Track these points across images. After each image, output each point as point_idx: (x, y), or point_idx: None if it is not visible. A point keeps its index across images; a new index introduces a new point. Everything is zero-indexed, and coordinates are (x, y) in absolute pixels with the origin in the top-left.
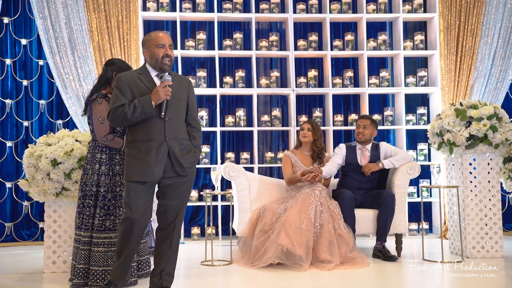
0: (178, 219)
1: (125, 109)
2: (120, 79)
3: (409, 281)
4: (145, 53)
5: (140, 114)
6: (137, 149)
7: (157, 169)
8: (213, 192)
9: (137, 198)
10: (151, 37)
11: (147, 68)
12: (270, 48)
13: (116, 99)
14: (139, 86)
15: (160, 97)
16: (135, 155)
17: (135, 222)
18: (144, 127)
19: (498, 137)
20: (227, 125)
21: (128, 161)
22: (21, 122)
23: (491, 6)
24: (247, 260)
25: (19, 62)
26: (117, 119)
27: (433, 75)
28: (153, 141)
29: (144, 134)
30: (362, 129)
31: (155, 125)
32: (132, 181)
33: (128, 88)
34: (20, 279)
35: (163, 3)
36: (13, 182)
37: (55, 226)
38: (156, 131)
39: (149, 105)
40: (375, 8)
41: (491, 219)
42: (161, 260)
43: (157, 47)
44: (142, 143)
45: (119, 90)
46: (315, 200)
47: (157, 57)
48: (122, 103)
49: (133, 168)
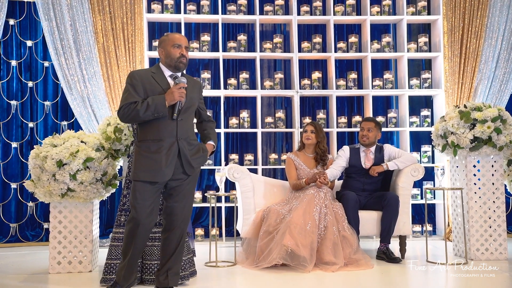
0: (184, 220)
1: (137, 106)
2: (134, 76)
3: (412, 283)
4: (160, 52)
5: (153, 113)
6: (148, 148)
7: (168, 169)
8: (217, 194)
9: (144, 199)
10: (168, 37)
11: (161, 67)
12: (274, 50)
13: (129, 95)
14: (153, 84)
15: (175, 98)
16: (145, 155)
17: (141, 223)
18: (156, 127)
19: (503, 139)
20: (231, 127)
21: (137, 160)
22: (26, 123)
23: (495, 8)
24: (251, 261)
25: (25, 64)
26: (128, 116)
27: (437, 77)
28: (164, 141)
29: (155, 133)
30: (366, 132)
31: (167, 125)
32: (140, 180)
33: (142, 86)
34: (26, 280)
35: (167, 5)
36: (18, 183)
37: (61, 227)
38: (168, 131)
39: (162, 105)
40: (379, 10)
41: (495, 221)
42: (168, 260)
43: (173, 47)
44: (153, 142)
45: (132, 87)
46: (319, 202)
47: (173, 57)
48: (135, 100)
49: (143, 168)
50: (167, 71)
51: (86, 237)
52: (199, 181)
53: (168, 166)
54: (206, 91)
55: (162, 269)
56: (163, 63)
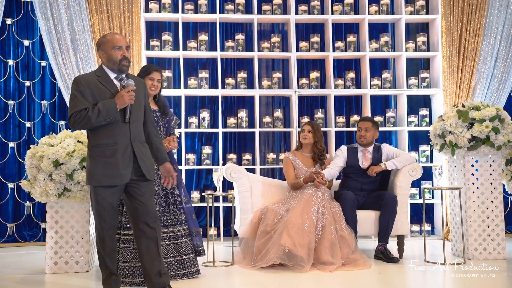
0: (156, 220)
1: (88, 113)
2: (80, 82)
3: (411, 283)
4: (101, 55)
5: (105, 118)
6: (102, 152)
7: (126, 172)
8: (214, 193)
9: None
10: (107, 39)
11: (105, 70)
12: (272, 49)
13: (78, 102)
14: (101, 89)
15: (125, 101)
16: (101, 159)
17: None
18: (109, 131)
19: (501, 139)
20: (229, 126)
21: (93, 165)
22: (23, 123)
23: (494, 8)
24: (249, 261)
25: (22, 63)
26: (80, 123)
27: (435, 76)
28: (119, 144)
29: (109, 137)
30: (364, 132)
31: (120, 128)
32: (101, 186)
33: (89, 91)
34: (22, 280)
35: (165, 4)
36: (15, 182)
37: (57, 227)
38: (121, 134)
39: (114, 110)
40: (377, 10)
41: (493, 221)
42: (153, 263)
43: (114, 49)
44: (107, 146)
45: (80, 93)
46: (317, 202)
47: (115, 60)
48: (84, 107)
49: (100, 172)
50: (112, 73)
51: (83, 237)
52: (197, 180)
53: (125, 169)
54: (204, 90)
55: (152, 273)
56: (105, 65)
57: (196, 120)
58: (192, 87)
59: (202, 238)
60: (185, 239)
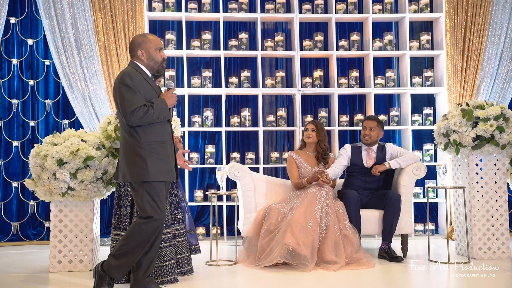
0: None
1: (150, 110)
2: (134, 77)
3: (414, 282)
4: (141, 54)
5: (159, 116)
6: (155, 149)
7: (175, 169)
8: (218, 192)
9: (163, 198)
10: (149, 38)
11: (143, 69)
12: (275, 48)
13: (137, 97)
14: (148, 88)
15: (173, 102)
16: (155, 155)
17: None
18: (159, 129)
19: (505, 138)
20: (232, 125)
21: (149, 161)
22: (27, 122)
23: (498, 6)
24: (253, 260)
25: (26, 62)
26: (140, 119)
27: (439, 75)
28: (167, 142)
29: (159, 135)
30: (368, 131)
31: (166, 127)
32: (158, 180)
33: (142, 87)
34: (26, 279)
35: (168, 3)
36: (19, 181)
37: (61, 225)
38: (167, 133)
39: (167, 109)
40: (381, 8)
41: (498, 220)
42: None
43: (156, 50)
44: (160, 144)
45: (137, 88)
46: (321, 201)
47: (157, 60)
48: (143, 103)
49: (158, 168)
50: (148, 73)
51: (87, 236)
52: (201, 179)
53: (175, 166)
54: (207, 89)
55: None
56: (144, 65)
57: (200, 119)
58: (196, 86)
59: (197, 237)
60: (182, 238)
